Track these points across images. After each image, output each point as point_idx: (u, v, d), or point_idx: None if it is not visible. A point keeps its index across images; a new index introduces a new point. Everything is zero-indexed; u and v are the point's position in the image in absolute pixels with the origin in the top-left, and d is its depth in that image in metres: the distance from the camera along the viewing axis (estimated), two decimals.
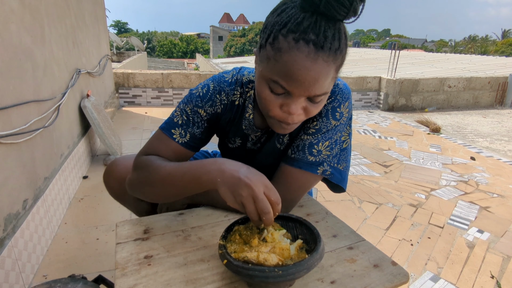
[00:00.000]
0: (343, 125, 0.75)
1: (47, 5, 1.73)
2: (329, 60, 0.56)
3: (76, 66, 2.26)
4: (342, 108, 0.73)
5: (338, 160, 0.75)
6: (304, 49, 0.54)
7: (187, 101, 0.77)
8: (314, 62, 0.55)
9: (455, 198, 2.19)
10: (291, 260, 0.54)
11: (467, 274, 1.46)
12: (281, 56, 0.56)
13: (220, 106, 0.79)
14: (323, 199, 2.10)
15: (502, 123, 4.59)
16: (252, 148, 0.86)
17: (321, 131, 0.73)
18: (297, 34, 0.55)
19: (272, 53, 0.57)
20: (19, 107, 1.30)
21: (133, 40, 11.58)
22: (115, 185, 0.91)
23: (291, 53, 0.55)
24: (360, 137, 3.55)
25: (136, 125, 3.58)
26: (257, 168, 0.86)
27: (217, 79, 0.80)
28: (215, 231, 0.71)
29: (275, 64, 0.57)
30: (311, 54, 0.54)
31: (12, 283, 1.13)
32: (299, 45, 0.54)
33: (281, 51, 0.56)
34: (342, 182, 0.76)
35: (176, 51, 46.67)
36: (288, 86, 0.58)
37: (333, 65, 0.57)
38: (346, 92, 0.74)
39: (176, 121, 0.76)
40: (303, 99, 0.60)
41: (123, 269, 0.59)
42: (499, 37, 56.31)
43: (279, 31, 0.56)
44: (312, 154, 0.73)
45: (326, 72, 0.57)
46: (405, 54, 14.02)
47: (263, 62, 0.61)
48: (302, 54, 0.54)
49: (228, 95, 0.79)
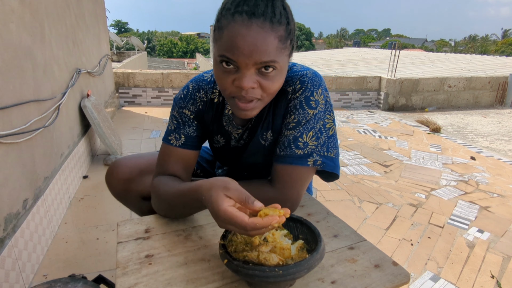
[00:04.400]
0: (323, 113, 0.74)
1: (47, 5, 1.73)
2: (265, 26, 0.59)
3: (76, 65, 2.26)
4: (316, 96, 0.73)
5: (328, 148, 0.75)
6: (238, 18, 0.59)
7: (173, 106, 0.83)
8: (249, 28, 0.58)
9: (455, 198, 2.19)
10: (291, 260, 0.54)
11: (467, 274, 1.46)
12: (223, 32, 0.61)
13: (200, 103, 0.82)
14: (323, 199, 2.10)
15: (502, 123, 4.59)
16: (237, 146, 0.86)
17: (301, 123, 0.73)
18: (232, 9, 0.60)
19: (218, 34, 0.63)
20: (19, 107, 1.30)
21: (133, 40, 11.57)
22: (117, 186, 0.92)
23: (229, 26, 0.60)
24: (360, 137, 3.55)
25: (136, 125, 3.58)
26: (245, 166, 0.88)
27: (196, 79, 0.84)
28: (216, 231, 0.71)
29: (220, 41, 0.62)
30: (244, 21, 0.59)
31: (12, 283, 1.14)
32: (234, 17, 0.60)
33: (222, 28, 0.61)
34: (335, 169, 0.76)
35: (176, 51, 46.67)
36: (232, 56, 0.60)
37: (272, 32, 0.60)
38: (317, 80, 0.74)
39: (170, 128, 0.81)
40: (253, 72, 0.62)
41: (124, 268, 0.59)
42: (499, 37, 56.30)
43: (220, 14, 0.63)
44: (299, 148, 0.73)
45: (263, 37, 0.59)
46: (405, 54, 14.01)
47: (214, 48, 0.65)
48: (237, 23, 0.59)
49: (207, 93, 0.82)
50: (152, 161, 0.95)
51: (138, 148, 2.87)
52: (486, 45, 49.67)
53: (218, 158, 0.95)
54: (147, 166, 0.94)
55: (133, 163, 0.94)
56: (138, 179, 0.92)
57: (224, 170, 1.07)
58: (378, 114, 4.85)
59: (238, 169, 0.92)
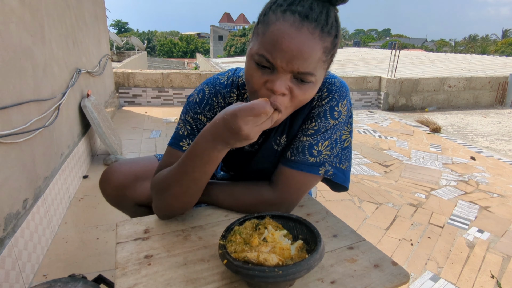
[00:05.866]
0: (342, 124, 0.73)
1: (47, 5, 1.73)
2: (315, 33, 0.56)
3: (76, 65, 2.26)
4: (341, 107, 0.72)
5: (340, 160, 0.74)
6: (289, 18, 0.55)
7: (187, 110, 0.77)
8: (299, 31, 0.55)
9: (455, 197, 2.19)
10: (291, 260, 0.54)
11: (467, 273, 1.46)
12: (268, 28, 0.57)
13: (218, 109, 0.78)
14: (323, 199, 2.09)
15: (502, 123, 4.59)
16: (249, 150, 0.84)
17: (320, 131, 0.72)
18: (284, 6, 0.57)
19: (262, 28, 0.59)
20: (19, 107, 1.30)
21: (133, 40, 11.57)
22: (111, 192, 0.90)
23: (277, 23, 0.56)
24: (360, 137, 3.55)
25: (136, 125, 3.58)
26: (255, 171, 0.85)
27: (211, 82, 0.79)
28: (215, 231, 0.71)
29: (263, 37, 0.58)
30: (295, 23, 0.55)
31: (12, 283, 1.14)
32: (285, 15, 0.56)
33: (269, 23, 0.57)
34: (345, 182, 0.75)
35: (176, 51, 46.68)
36: (272, 57, 0.57)
37: (320, 42, 0.56)
38: (344, 90, 0.73)
39: (182, 133, 0.76)
40: (288, 77, 0.59)
41: (123, 268, 0.59)
42: (499, 37, 56.29)
43: (269, 8, 0.59)
44: (312, 155, 0.71)
45: (311, 46, 0.56)
46: (405, 54, 14.01)
47: (253, 40, 0.62)
48: (287, 23, 0.55)
49: (225, 97, 0.78)
50: (148, 167, 0.92)
51: (138, 148, 2.87)
52: (486, 45, 49.67)
53: (225, 163, 0.91)
54: (142, 173, 0.90)
55: (128, 169, 0.90)
56: (133, 186, 0.89)
57: (229, 174, 1.00)
58: (378, 114, 4.85)
59: (245, 174, 0.88)
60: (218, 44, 52.09)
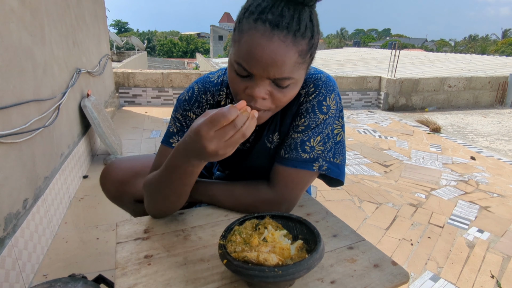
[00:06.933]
0: (333, 118, 0.73)
1: (47, 5, 1.73)
2: (287, 40, 0.56)
3: (76, 65, 2.26)
4: (329, 101, 0.72)
5: (334, 154, 0.74)
6: (260, 27, 0.56)
7: (176, 108, 0.79)
8: (270, 40, 0.56)
9: (455, 197, 2.19)
10: (291, 260, 0.54)
11: (467, 273, 1.46)
12: (243, 37, 0.58)
13: (206, 106, 0.79)
14: (323, 199, 2.10)
15: (502, 123, 4.59)
16: (242, 149, 0.84)
17: (311, 127, 0.72)
18: (255, 15, 0.57)
19: (237, 35, 0.60)
20: (19, 107, 1.30)
21: (133, 40, 11.58)
22: (111, 188, 0.90)
23: (250, 33, 0.57)
24: (360, 137, 3.55)
25: (136, 125, 3.58)
26: (250, 169, 0.86)
27: (201, 80, 0.81)
28: (215, 231, 0.71)
29: (238, 46, 0.59)
30: (266, 32, 0.56)
31: (12, 283, 1.14)
32: (257, 24, 0.56)
33: (243, 32, 0.58)
34: (340, 176, 0.76)
35: (176, 51, 46.69)
36: (248, 67, 0.58)
37: (293, 47, 0.57)
38: (331, 84, 0.73)
39: (172, 131, 0.78)
40: (267, 83, 0.60)
41: (123, 268, 0.59)
42: (499, 37, 56.28)
43: (243, 15, 0.59)
44: (305, 151, 0.72)
45: (283, 53, 0.56)
46: (405, 54, 14.01)
47: (231, 47, 0.63)
48: (258, 32, 0.56)
49: (214, 95, 0.79)
50: (147, 163, 0.93)
51: (138, 148, 2.88)
52: (486, 45, 49.68)
53: (220, 162, 0.92)
54: (142, 169, 0.92)
55: (128, 165, 0.92)
56: (133, 182, 0.90)
57: (225, 173, 1.02)
58: (378, 114, 4.85)
59: (241, 173, 0.89)
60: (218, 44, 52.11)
